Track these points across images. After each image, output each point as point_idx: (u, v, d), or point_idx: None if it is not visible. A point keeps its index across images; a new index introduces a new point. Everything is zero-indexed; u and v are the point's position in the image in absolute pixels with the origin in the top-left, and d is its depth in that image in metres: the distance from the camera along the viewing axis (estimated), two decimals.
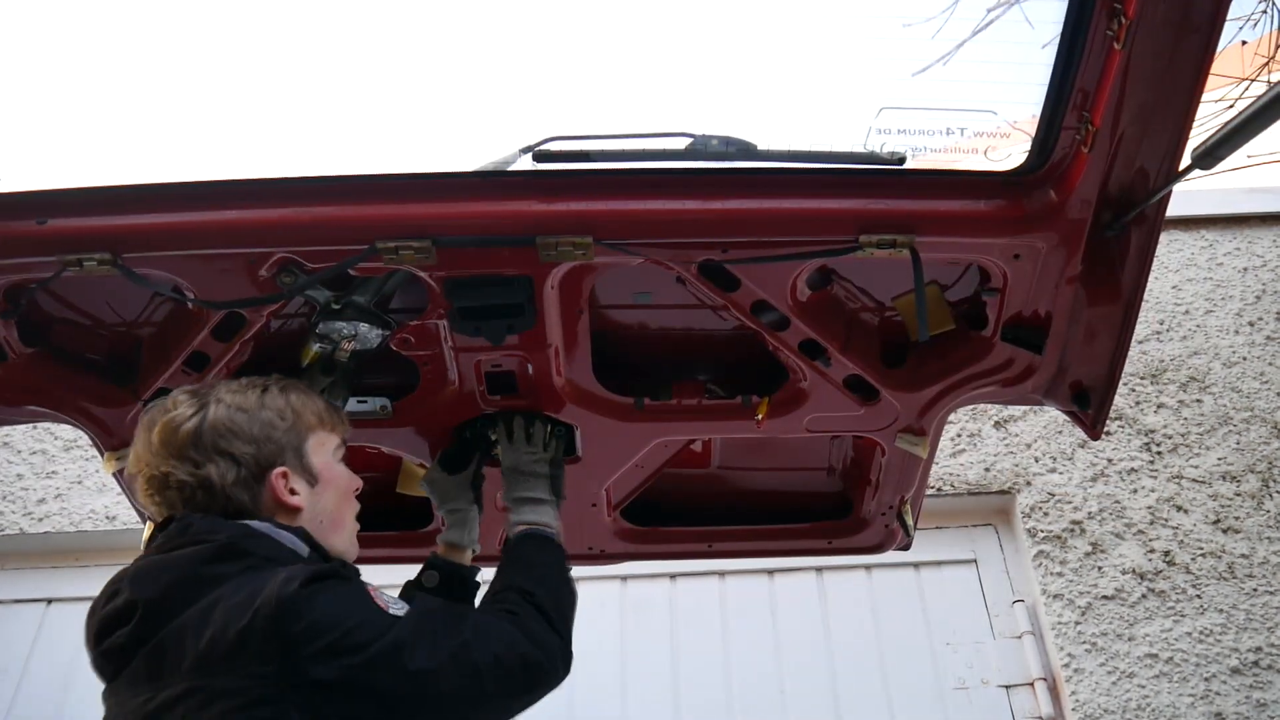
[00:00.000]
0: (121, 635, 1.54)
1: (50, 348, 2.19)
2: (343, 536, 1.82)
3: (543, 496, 2.13)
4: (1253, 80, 4.34)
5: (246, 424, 1.73)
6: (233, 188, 1.92)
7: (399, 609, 1.60)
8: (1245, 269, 4.95)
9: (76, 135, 2.24)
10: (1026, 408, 4.54)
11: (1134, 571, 4.13)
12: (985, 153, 1.98)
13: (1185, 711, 3.81)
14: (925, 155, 2.00)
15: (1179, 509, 4.27)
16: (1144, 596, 4.07)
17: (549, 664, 1.72)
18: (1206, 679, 3.88)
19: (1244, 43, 4.48)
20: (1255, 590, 4.06)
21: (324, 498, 1.79)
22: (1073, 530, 4.25)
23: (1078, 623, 4.02)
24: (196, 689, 1.44)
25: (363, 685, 1.49)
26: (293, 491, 1.73)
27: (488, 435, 2.27)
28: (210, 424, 1.70)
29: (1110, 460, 4.42)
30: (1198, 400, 4.56)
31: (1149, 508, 4.28)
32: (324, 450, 1.83)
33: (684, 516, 2.72)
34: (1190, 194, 4.91)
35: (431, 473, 2.25)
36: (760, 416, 2.28)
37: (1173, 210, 2.11)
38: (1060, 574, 4.14)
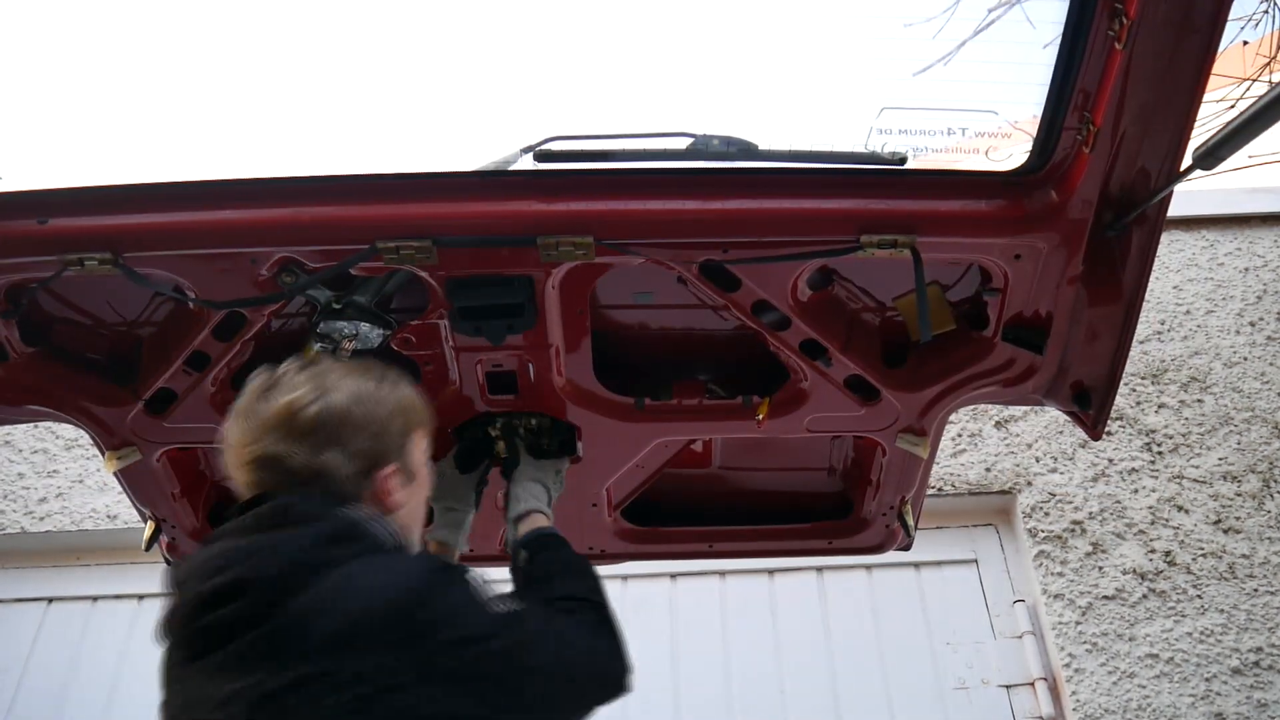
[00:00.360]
0: (228, 612, 1.45)
1: (51, 347, 2.19)
2: (416, 534, 1.80)
3: (546, 503, 2.14)
4: (1254, 80, 4.34)
5: (365, 417, 1.68)
6: (233, 188, 1.92)
7: (508, 606, 1.61)
8: (1246, 269, 4.95)
9: (76, 135, 2.24)
10: (1027, 408, 4.54)
11: (1135, 571, 4.13)
12: (986, 153, 1.98)
13: (1186, 711, 3.81)
14: (926, 155, 2.00)
15: (1180, 509, 4.27)
16: (1145, 596, 4.07)
17: (625, 681, 1.75)
18: (1207, 679, 3.88)
19: (1245, 43, 4.48)
20: (1256, 590, 4.06)
21: (416, 496, 1.77)
22: (1073, 530, 4.25)
23: (1078, 623, 4.02)
24: (325, 673, 1.40)
25: (482, 678, 1.49)
26: (396, 490, 1.70)
27: (512, 440, 2.26)
28: (332, 412, 1.64)
29: (1111, 460, 4.42)
30: (1199, 400, 4.56)
31: (1150, 508, 4.28)
32: (420, 450, 1.79)
33: (684, 516, 2.72)
34: (1191, 194, 4.90)
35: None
36: (761, 417, 2.28)
37: (1174, 210, 2.11)
38: (1061, 574, 4.14)
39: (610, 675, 1.73)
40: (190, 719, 1.51)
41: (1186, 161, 1.80)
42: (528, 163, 1.96)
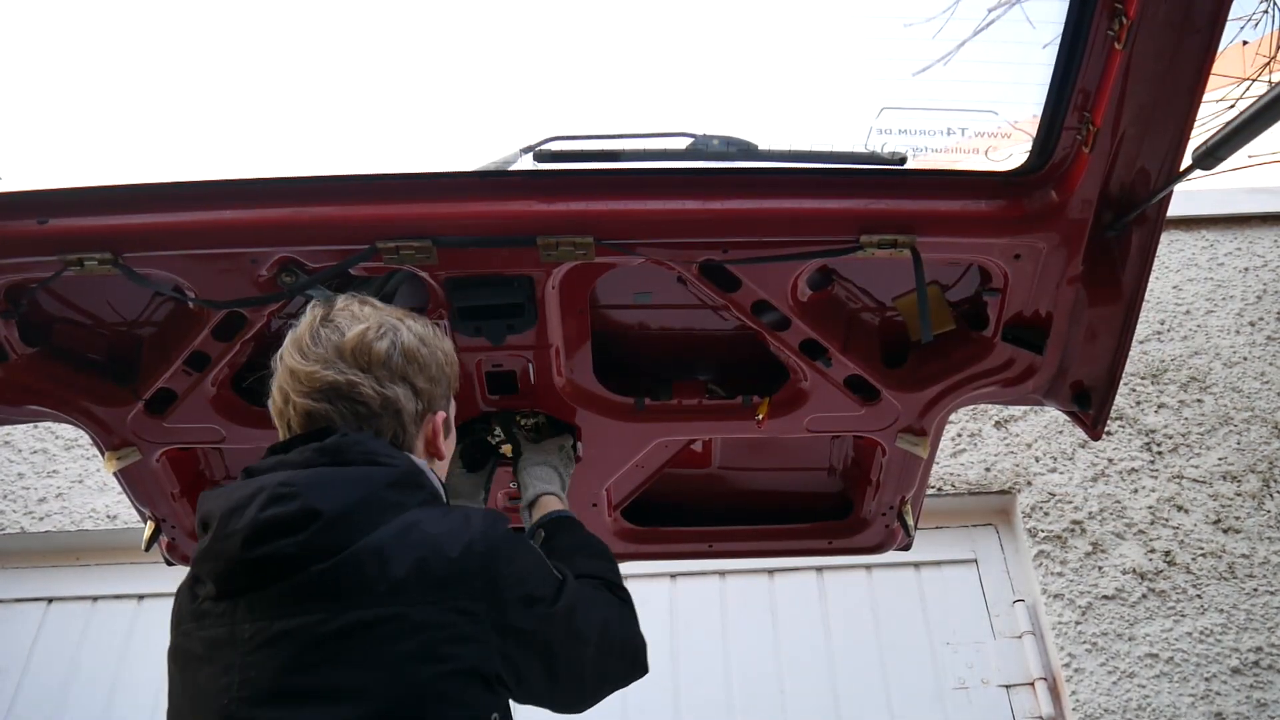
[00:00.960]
0: (290, 544, 1.38)
1: (51, 347, 2.19)
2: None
3: (559, 485, 2.15)
4: (1254, 80, 4.34)
5: (429, 358, 1.66)
6: (233, 188, 1.92)
7: (560, 573, 1.61)
8: (1246, 269, 4.95)
9: (76, 135, 2.24)
10: (1027, 408, 4.54)
11: (1134, 571, 4.13)
12: (986, 153, 1.98)
13: (1185, 711, 3.81)
14: (926, 155, 2.00)
15: (1179, 509, 4.27)
16: (1144, 596, 4.07)
17: (646, 661, 1.77)
18: (1207, 679, 3.88)
19: (1245, 43, 4.48)
20: (1256, 590, 4.06)
21: (451, 452, 1.76)
22: (1073, 530, 4.25)
23: (1078, 623, 4.02)
24: (394, 616, 1.35)
25: (543, 637, 1.50)
26: (442, 438, 1.68)
27: (512, 432, 2.26)
28: (403, 349, 1.61)
29: (1111, 460, 4.42)
30: (1198, 400, 4.56)
31: (1149, 508, 4.28)
32: (453, 408, 1.78)
33: (684, 516, 2.72)
34: (1191, 194, 4.91)
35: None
36: (761, 417, 2.28)
37: (1173, 210, 2.11)
38: (1060, 574, 4.14)
39: (638, 651, 1.75)
40: (219, 663, 1.39)
41: (1186, 161, 1.80)
42: (528, 163, 1.96)
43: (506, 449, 2.25)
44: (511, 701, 1.50)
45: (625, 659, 1.72)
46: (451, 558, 1.41)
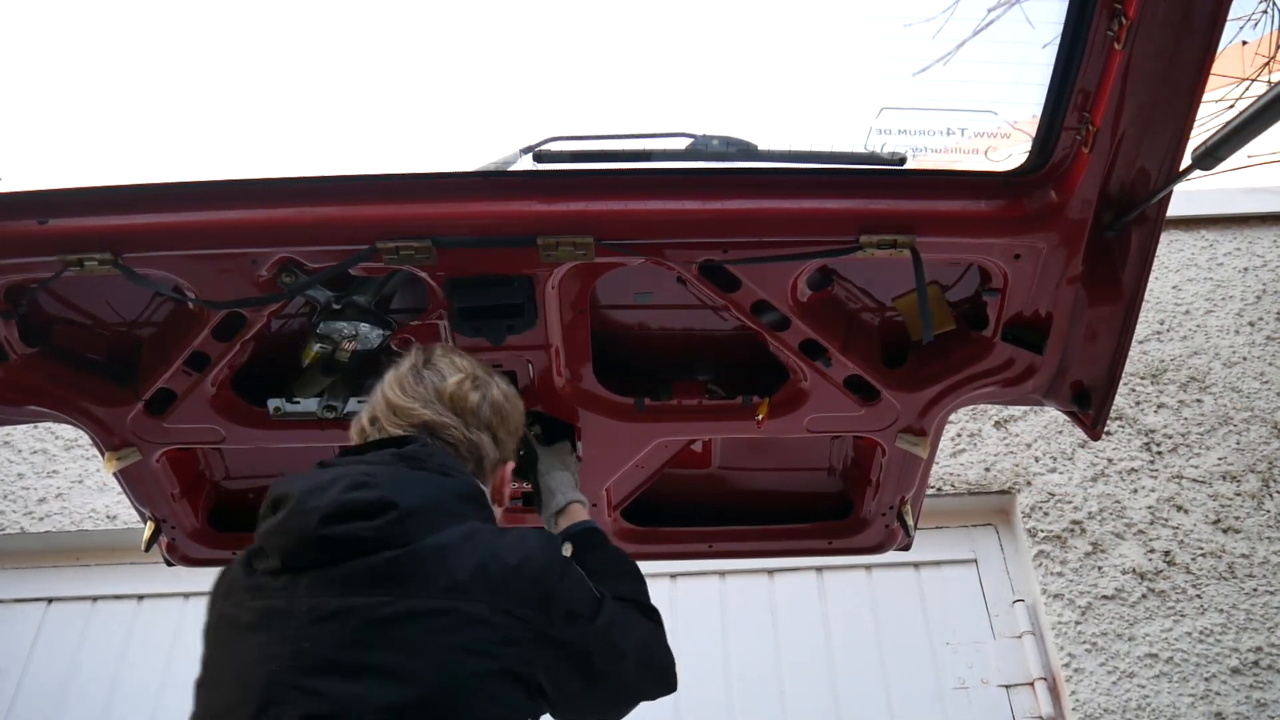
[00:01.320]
0: (364, 528, 1.48)
1: (51, 347, 2.19)
2: None
3: (575, 486, 2.20)
4: (1253, 80, 4.34)
5: (510, 413, 1.87)
6: (233, 188, 1.92)
7: (599, 591, 1.70)
8: (1245, 269, 4.95)
9: (76, 135, 2.24)
10: (1027, 408, 4.54)
11: (1134, 571, 4.13)
12: (986, 153, 1.98)
13: (1185, 711, 3.81)
14: (926, 155, 2.00)
15: (1179, 509, 4.27)
16: (1144, 596, 4.07)
17: (675, 678, 1.85)
18: (1206, 679, 3.88)
19: (1244, 43, 4.48)
20: (1255, 590, 4.06)
21: (508, 500, 1.92)
22: (1073, 530, 4.25)
23: (1078, 623, 4.02)
24: (450, 610, 1.45)
25: (582, 650, 1.59)
26: (506, 487, 1.86)
27: (525, 439, 2.28)
28: (491, 401, 1.82)
29: (1110, 460, 4.42)
30: (1198, 400, 4.56)
31: (1149, 508, 4.28)
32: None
33: (684, 516, 2.72)
34: (1190, 194, 4.91)
35: None
36: (761, 417, 2.28)
37: (1173, 210, 2.11)
38: (1060, 574, 4.14)
39: (668, 670, 1.84)
40: (272, 633, 1.46)
41: (1186, 161, 1.80)
42: (528, 163, 1.96)
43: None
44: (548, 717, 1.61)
45: (656, 676, 1.81)
46: (511, 565, 1.52)
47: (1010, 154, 1.95)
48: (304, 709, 1.38)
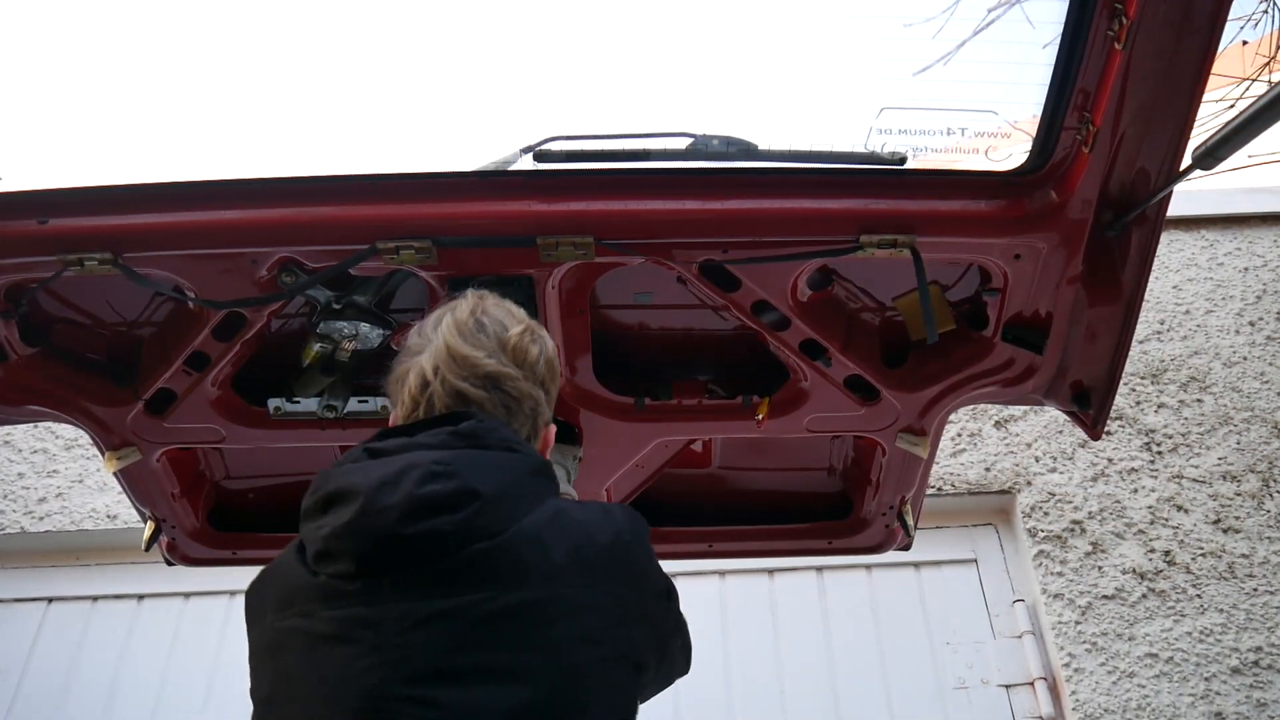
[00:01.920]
0: (448, 522, 1.36)
1: (51, 347, 2.19)
2: None
3: (569, 482, 2.17)
4: (1253, 80, 4.34)
5: (558, 370, 1.75)
6: (233, 188, 1.92)
7: None
8: (1246, 269, 4.95)
9: (76, 135, 2.24)
10: (1027, 408, 4.54)
11: (1134, 571, 4.13)
12: (986, 153, 1.98)
13: (1185, 711, 3.81)
14: (926, 155, 2.00)
15: (1179, 509, 4.27)
16: (1144, 596, 4.07)
17: (691, 661, 1.81)
18: (1206, 679, 3.88)
19: (1245, 43, 4.48)
20: (1255, 590, 4.06)
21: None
22: (1073, 530, 4.25)
23: (1078, 622, 4.02)
24: (554, 599, 1.36)
25: (664, 630, 1.56)
26: (550, 446, 1.76)
27: None
28: (547, 357, 1.69)
29: (1110, 460, 4.42)
30: (1198, 400, 4.56)
31: (1149, 507, 4.28)
32: None
33: (684, 516, 2.72)
34: (1191, 194, 4.91)
35: None
36: (761, 417, 2.28)
37: (1173, 210, 2.11)
38: (1060, 574, 4.14)
39: (690, 651, 1.80)
40: (362, 643, 1.34)
41: (1186, 161, 1.80)
42: (528, 163, 1.96)
43: None
44: None
45: (688, 657, 1.78)
46: (604, 544, 1.44)
47: (1010, 154, 1.95)
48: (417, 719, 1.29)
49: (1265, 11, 4.32)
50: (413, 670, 1.31)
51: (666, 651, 1.59)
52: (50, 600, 4.35)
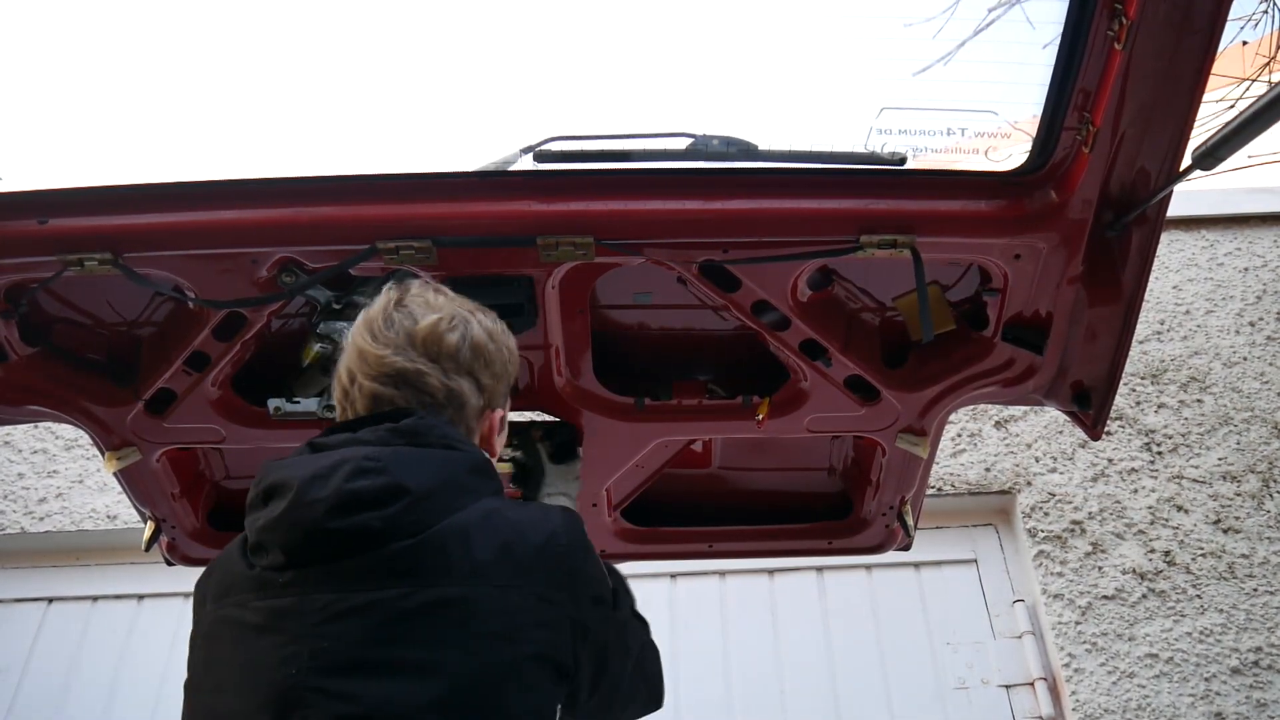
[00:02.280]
0: (375, 518, 1.38)
1: (51, 347, 2.19)
2: None
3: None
4: (1253, 80, 4.34)
5: (495, 355, 1.67)
6: (233, 188, 1.92)
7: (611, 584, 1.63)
8: (1246, 269, 4.95)
9: (76, 135, 2.24)
10: (1027, 408, 4.54)
11: (1134, 571, 4.13)
12: (986, 153, 1.98)
13: (1185, 711, 3.81)
14: (926, 155, 2.00)
15: (1179, 509, 4.27)
16: (1144, 596, 4.07)
17: (663, 695, 1.77)
18: (1206, 679, 3.88)
19: (1245, 43, 4.48)
20: (1255, 590, 4.06)
21: (501, 449, 1.78)
22: (1073, 530, 4.25)
23: (1078, 623, 4.02)
24: (476, 596, 1.36)
25: (601, 639, 1.50)
26: (498, 435, 1.70)
27: (534, 450, 2.26)
28: (472, 342, 1.62)
29: (1111, 460, 4.42)
30: (1198, 400, 4.56)
31: (1149, 508, 4.28)
32: (508, 404, 1.79)
33: (684, 516, 2.72)
34: (1191, 194, 4.91)
35: None
36: (761, 417, 2.28)
37: (1173, 210, 2.11)
38: (1060, 574, 4.14)
39: (660, 684, 1.76)
40: (284, 633, 1.36)
41: (1186, 161, 1.80)
42: (527, 163, 1.96)
43: (520, 458, 2.25)
44: None
45: (651, 688, 1.73)
46: (536, 544, 1.43)
47: (1010, 154, 1.95)
48: (331, 711, 1.30)
49: (1265, 11, 4.33)
50: (330, 662, 1.33)
51: (606, 667, 1.53)
52: (50, 600, 4.35)
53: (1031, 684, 3.99)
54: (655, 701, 1.75)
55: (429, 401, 1.58)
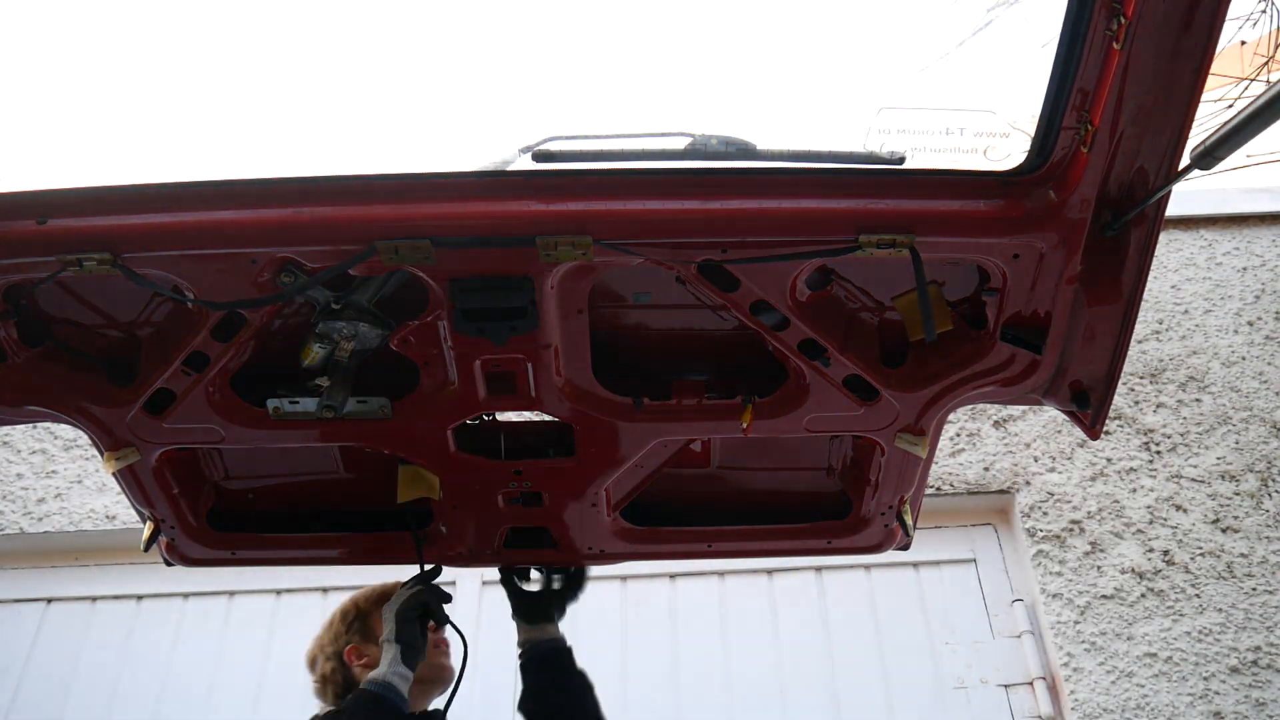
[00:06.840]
0: None
1: (51, 348, 2.19)
2: None
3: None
4: (1252, 80, 4.34)
5: (341, 632, 2.73)
6: (233, 188, 1.91)
7: None
8: (1244, 269, 4.95)
9: (76, 135, 2.25)
10: (1026, 407, 4.54)
11: (1133, 571, 4.13)
12: (985, 153, 1.98)
13: (1184, 711, 3.81)
14: (925, 155, 2.00)
15: (1178, 508, 4.28)
16: (1143, 596, 4.07)
17: None
18: (1205, 678, 3.88)
19: (1243, 42, 4.48)
20: (1254, 590, 4.07)
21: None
22: (1072, 530, 4.25)
23: (1077, 622, 4.02)
24: None
25: None
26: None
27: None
28: (324, 654, 2.77)
29: (1109, 460, 4.42)
30: (1197, 400, 4.57)
31: (1148, 507, 4.28)
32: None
33: (684, 516, 2.72)
34: (1189, 194, 4.92)
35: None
36: (745, 425, 2.28)
37: (1172, 210, 2.11)
38: (1059, 573, 4.14)
39: None
40: None
41: (1184, 161, 1.80)
42: (527, 163, 1.96)
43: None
44: None
45: None
46: None
47: (1010, 154, 1.95)
48: None
49: (1264, 11, 4.33)
50: None
51: None
52: (50, 600, 4.35)
53: (1030, 683, 3.99)
54: None
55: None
